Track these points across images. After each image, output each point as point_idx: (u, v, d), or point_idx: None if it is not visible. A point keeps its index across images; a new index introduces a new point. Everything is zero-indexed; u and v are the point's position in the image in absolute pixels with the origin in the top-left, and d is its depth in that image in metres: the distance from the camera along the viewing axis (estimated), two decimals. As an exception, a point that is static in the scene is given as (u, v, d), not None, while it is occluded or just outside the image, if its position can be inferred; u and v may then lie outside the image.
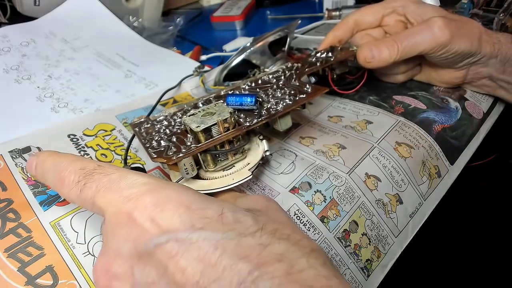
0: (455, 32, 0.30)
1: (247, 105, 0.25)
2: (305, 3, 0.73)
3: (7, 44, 0.45)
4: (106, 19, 0.53)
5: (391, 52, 0.31)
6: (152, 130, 0.25)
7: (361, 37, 0.36)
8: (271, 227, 0.15)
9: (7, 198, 0.25)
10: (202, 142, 0.22)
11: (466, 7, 0.45)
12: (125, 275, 0.15)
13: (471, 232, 0.62)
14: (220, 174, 0.24)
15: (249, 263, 0.13)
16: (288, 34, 0.40)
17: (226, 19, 0.63)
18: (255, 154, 0.25)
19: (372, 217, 0.26)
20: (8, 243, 0.22)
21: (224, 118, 0.22)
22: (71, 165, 0.19)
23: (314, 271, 0.14)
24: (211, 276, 0.13)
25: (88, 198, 0.17)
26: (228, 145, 0.24)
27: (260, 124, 0.24)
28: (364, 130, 0.31)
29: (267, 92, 0.28)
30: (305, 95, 0.26)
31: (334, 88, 0.34)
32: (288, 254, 0.14)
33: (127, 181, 0.17)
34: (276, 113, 0.25)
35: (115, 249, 0.16)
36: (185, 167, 0.22)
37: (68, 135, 0.32)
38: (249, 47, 0.37)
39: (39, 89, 0.39)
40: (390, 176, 0.28)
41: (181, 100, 0.39)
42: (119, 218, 0.16)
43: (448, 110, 0.33)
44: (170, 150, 0.22)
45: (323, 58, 0.33)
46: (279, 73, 0.31)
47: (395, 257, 0.26)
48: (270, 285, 0.13)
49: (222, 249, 0.14)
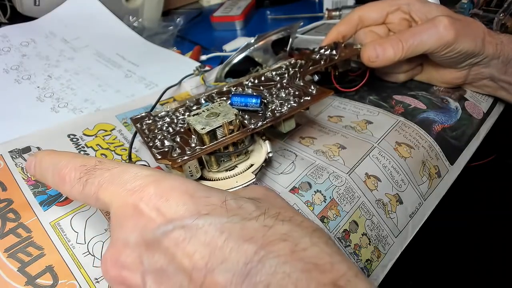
0: (460, 31, 0.30)
1: (252, 106, 0.25)
2: (305, 3, 0.73)
3: (7, 44, 0.45)
4: (106, 19, 0.53)
5: (396, 51, 0.31)
6: (154, 127, 0.25)
7: (365, 33, 0.36)
8: (273, 211, 0.16)
9: (7, 198, 0.25)
10: (206, 144, 0.22)
11: (466, 7, 0.45)
12: (134, 264, 0.16)
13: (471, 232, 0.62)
14: (223, 175, 0.24)
15: (254, 244, 0.14)
16: (291, 34, 0.40)
17: (226, 19, 0.63)
18: (258, 155, 0.25)
19: (372, 217, 0.26)
20: (8, 243, 0.22)
21: (229, 120, 0.22)
22: (71, 162, 0.19)
23: (318, 249, 0.14)
24: (219, 258, 0.14)
25: (91, 194, 0.18)
26: (232, 146, 0.24)
27: (265, 127, 0.24)
28: (364, 130, 0.31)
29: (271, 92, 0.28)
30: (310, 98, 0.26)
31: (336, 86, 0.34)
32: (291, 233, 0.14)
33: (129, 174, 0.17)
34: (281, 115, 0.25)
35: (123, 240, 0.16)
36: (189, 170, 0.22)
37: (68, 135, 0.32)
38: (253, 44, 0.37)
39: (39, 89, 0.39)
40: (390, 176, 0.28)
41: (181, 100, 0.39)
42: (125, 211, 0.16)
43: (448, 110, 0.33)
44: (174, 152, 0.22)
45: (327, 56, 0.33)
46: (282, 70, 0.31)
47: (395, 257, 0.26)
48: (276, 263, 0.13)
49: (228, 232, 0.14)
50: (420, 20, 0.34)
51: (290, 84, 0.29)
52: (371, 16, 0.36)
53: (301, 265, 0.13)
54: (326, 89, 0.27)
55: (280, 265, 0.13)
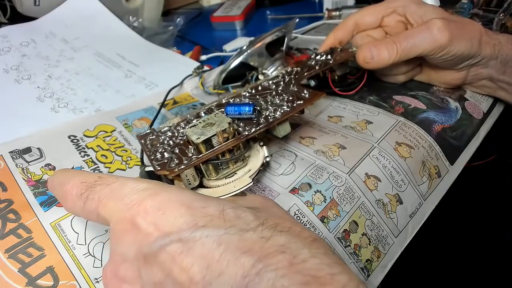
0: (455, 33, 0.30)
1: (245, 114, 0.25)
2: (305, 3, 0.73)
3: (7, 44, 0.45)
4: (106, 19, 0.53)
5: (390, 53, 0.31)
6: (156, 142, 0.26)
7: (362, 37, 0.36)
8: (271, 221, 0.16)
9: (7, 198, 0.25)
10: (203, 152, 0.23)
11: (466, 7, 0.45)
12: (133, 278, 0.16)
13: (471, 232, 0.62)
14: (223, 182, 0.24)
15: (252, 256, 0.14)
16: (286, 34, 0.39)
17: (226, 19, 0.63)
18: (255, 161, 0.26)
19: (372, 217, 0.26)
20: (9, 244, 0.22)
21: (223, 129, 0.23)
22: (72, 179, 0.19)
23: (317, 260, 0.14)
24: (216, 271, 0.14)
25: (92, 210, 0.18)
26: (228, 154, 0.24)
27: (258, 133, 0.25)
28: (364, 130, 0.31)
29: (266, 99, 0.28)
30: (303, 101, 0.27)
31: (334, 90, 0.34)
32: (290, 245, 0.14)
33: (127, 189, 0.17)
34: (274, 120, 0.25)
35: (122, 254, 0.16)
36: (187, 178, 0.23)
37: (68, 136, 0.32)
38: (246, 50, 0.37)
39: (39, 89, 0.39)
40: (390, 176, 0.28)
41: (181, 100, 0.39)
42: (123, 226, 0.16)
43: (448, 110, 0.33)
44: (172, 162, 0.23)
45: (322, 61, 0.33)
46: (279, 78, 0.31)
47: (395, 257, 0.26)
48: (274, 276, 0.13)
49: (225, 244, 0.14)
50: (416, 22, 0.34)
51: (284, 91, 0.29)
52: (366, 20, 0.36)
53: (300, 278, 0.13)
54: (318, 92, 0.28)
55: (278, 279, 0.13)
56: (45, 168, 0.28)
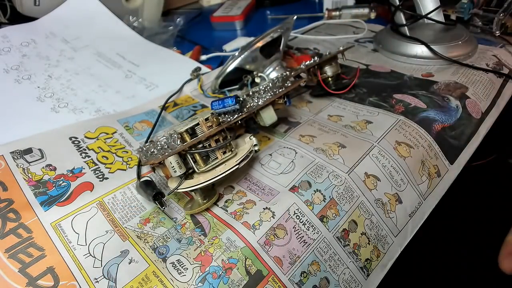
0: None
1: (229, 106, 0.27)
2: (305, 3, 0.73)
3: (7, 44, 0.45)
4: (106, 19, 0.53)
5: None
6: (152, 147, 0.26)
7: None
8: None
9: (7, 198, 0.25)
10: (187, 141, 0.24)
11: (466, 7, 0.45)
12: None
13: (471, 232, 0.62)
14: (211, 172, 0.25)
15: None
16: (283, 33, 0.39)
17: (226, 19, 0.63)
18: (245, 151, 0.26)
19: (371, 216, 0.26)
20: (9, 244, 0.22)
21: (205, 117, 0.24)
22: None
23: None
24: None
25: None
26: (215, 143, 0.25)
27: (240, 119, 0.26)
28: (364, 130, 0.31)
29: (253, 96, 0.30)
30: (284, 89, 0.29)
31: (326, 88, 0.34)
32: None
33: None
34: (256, 106, 0.27)
35: None
36: (172, 165, 0.23)
37: (69, 138, 0.32)
38: (239, 56, 0.37)
39: (39, 89, 0.39)
40: (390, 176, 0.28)
41: (182, 102, 0.39)
42: None
43: (448, 109, 0.33)
44: (159, 153, 0.24)
45: (310, 64, 0.35)
46: (270, 84, 0.32)
47: (395, 257, 0.26)
48: None
49: None
50: None
51: (271, 87, 0.31)
52: None
53: None
54: (298, 79, 0.30)
55: None
56: (46, 169, 0.28)
